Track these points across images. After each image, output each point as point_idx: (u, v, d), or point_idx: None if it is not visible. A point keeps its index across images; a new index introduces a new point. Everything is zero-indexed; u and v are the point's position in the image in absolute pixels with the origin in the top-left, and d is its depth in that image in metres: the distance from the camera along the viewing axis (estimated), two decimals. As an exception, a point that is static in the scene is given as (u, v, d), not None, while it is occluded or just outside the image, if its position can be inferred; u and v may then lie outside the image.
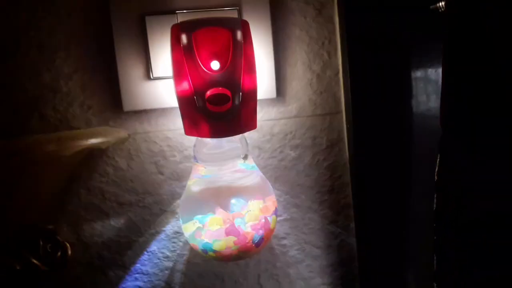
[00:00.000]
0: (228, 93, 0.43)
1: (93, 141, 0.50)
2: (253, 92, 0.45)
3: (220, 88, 0.43)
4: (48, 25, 0.50)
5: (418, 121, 0.56)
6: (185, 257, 0.56)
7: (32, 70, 0.51)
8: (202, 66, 0.43)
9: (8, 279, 0.45)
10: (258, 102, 0.47)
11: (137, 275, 0.56)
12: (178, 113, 0.48)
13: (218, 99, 0.43)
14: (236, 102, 0.44)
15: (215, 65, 0.43)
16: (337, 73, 0.56)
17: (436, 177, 0.43)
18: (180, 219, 0.50)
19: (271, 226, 0.49)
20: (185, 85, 0.44)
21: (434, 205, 0.44)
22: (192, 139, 0.53)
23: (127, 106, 0.52)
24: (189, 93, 0.44)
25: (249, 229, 0.47)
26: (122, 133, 0.51)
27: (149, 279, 0.56)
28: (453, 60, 0.40)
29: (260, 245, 0.48)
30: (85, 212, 0.54)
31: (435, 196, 0.43)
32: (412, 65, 0.55)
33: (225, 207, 0.48)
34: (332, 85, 0.56)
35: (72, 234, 0.53)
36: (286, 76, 0.55)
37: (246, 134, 0.52)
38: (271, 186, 0.52)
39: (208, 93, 0.43)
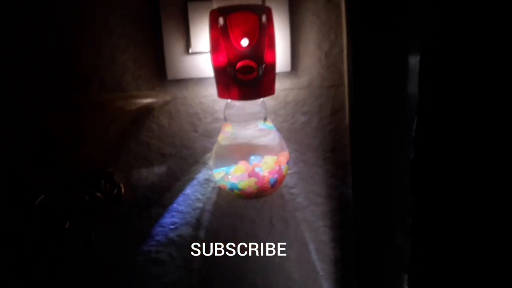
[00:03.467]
0: (254, 65, 0.54)
1: (146, 101, 0.62)
2: (273, 65, 0.56)
3: (248, 60, 0.53)
4: (107, 7, 0.61)
5: (410, 94, 0.66)
6: (212, 200, 0.67)
7: (94, 44, 0.60)
8: (234, 43, 0.54)
9: (80, 207, 0.58)
10: (276, 74, 0.58)
11: (174, 213, 0.66)
12: (210, 82, 0.59)
13: (246, 70, 0.54)
14: (260, 72, 0.54)
15: (244, 42, 0.54)
16: (342, 51, 0.63)
17: (413, 133, 0.54)
18: (212, 168, 0.62)
19: (284, 173, 0.61)
20: (221, 58, 0.55)
21: (412, 156, 0.55)
22: (221, 103, 0.63)
23: (170, 75, 0.61)
24: (223, 64, 0.55)
25: (266, 174, 0.59)
26: (165, 97, 0.63)
27: (183, 216, 0.68)
28: (430, 38, 0.50)
29: (275, 186, 0.60)
30: (134, 160, 0.64)
31: (413, 149, 0.55)
32: (408, 47, 0.64)
33: (247, 160, 0.60)
34: (337, 62, 0.64)
35: (123, 177, 0.65)
36: (299, 53, 0.63)
37: (266, 100, 0.63)
38: (284, 144, 0.63)
39: (239, 64, 0.54)
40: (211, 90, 0.63)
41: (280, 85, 0.63)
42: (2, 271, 0.60)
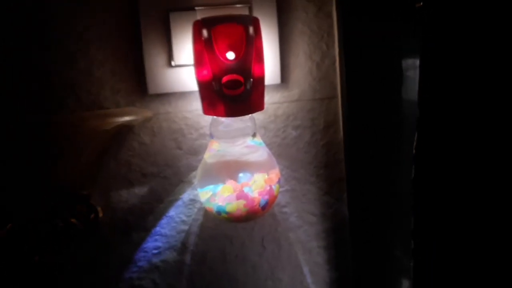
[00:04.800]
0: (241, 79, 0.50)
1: (126, 118, 0.57)
2: (262, 78, 0.53)
3: (234, 74, 0.49)
4: (85, 20, 0.56)
5: (406, 106, 0.62)
6: (199, 221, 0.63)
7: (70, 58, 0.56)
8: (219, 56, 0.50)
9: (53, 235, 0.53)
10: (265, 87, 0.54)
11: (157, 236, 0.62)
12: (195, 96, 0.56)
13: (233, 84, 0.50)
14: (248, 86, 0.51)
15: (230, 55, 0.50)
16: (334, 62, 0.61)
17: (414, 150, 0.51)
18: (198, 188, 0.58)
19: (275, 193, 0.57)
20: (205, 72, 0.51)
21: (412, 175, 0.52)
22: (207, 119, 0.60)
23: (151, 90, 0.57)
24: (208, 78, 0.51)
25: (256, 195, 0.55)
26: (147, 113, 0.59)
27: (167, 240, 0.63)
28: (429, 50, 0.47)
29: (266, 208, 0.56)
30: (113, 181, 0.59)
31: (413, 167, 0.51)
32: (402, 57, 0.61)
33: (235, 179, 0.56)
34: (330, 73, 0.61)
35: (102, 199, 0.61)
36: (289, 64, 0.60)
37: (255, 114, 0.60)
38: (275, 161, 0.59)
39: (224, 78, 0.50)
40: (196, 104, 0.59)
41: (269, 98, 0.60)
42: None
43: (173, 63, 0.57)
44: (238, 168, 0.56)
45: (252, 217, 0.56)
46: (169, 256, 0.64)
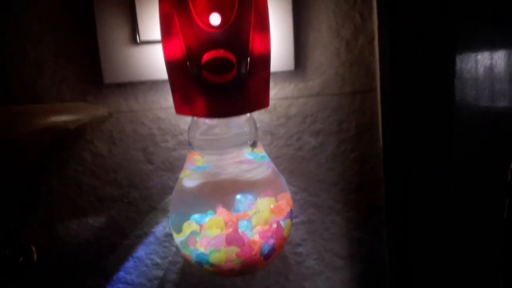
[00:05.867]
0: (232, 57, 0.33)
1: (73, 118, 0.40)
2: (266, 57, 0.36)
3: (221, 50, 0.33)
4: None
5: (469, 106, 0.45)
6: (178, 265, 0.47)
7: None
8: (197, 20, 0.33)
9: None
10: (271, 75, 0.37)
11: (120, 285, 0.47)
12: (170, 87, 0.38)
13: (219, 65, 0.33)
14: (242, 70, 0.34)
15: (215, 19, 0.33)
16: (372, 40, 0.46)
17: (509, 176, 0.32)
18: (170, 221, 0.40)
19: (285, 233, 0.39)
20: (175, 47, 0.34)
21: (505, 213, 0.33)
22: (188, 120, 0.43)
23: (108, 78, 0.43)
24: (180, 57, 0.34)
25: (256, 237, 0.37)
26: (100, 111, 0.41)
27: None
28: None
29: (270, 257, 0.38)
30: (58, 208, 0.45)
31: (507, 201, 0.33)
32: (466, 40, 0.44)
33: (228, 205, 0.39)
34: (365, 56, 0.46)
35: (42, 233, 0.45)
36: (307, 42, 0.45)
37: (256, 114, 0.42)
38: (285, 181, 0.41)
39: (205, 57, 0.33)
40: (173, 99, 0.42)
41: (278, 91, 0.46)
42: None
43: (139, 39, 0.42)
44: (233, 191, 0.40)
45: (249, 270, 0.39)
46: (138, 312, 0.46)
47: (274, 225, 0.38)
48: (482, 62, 0.46)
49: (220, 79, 0.33)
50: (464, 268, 0.47)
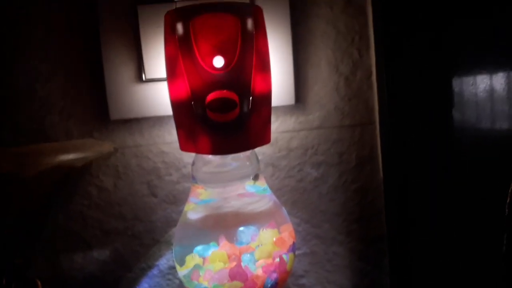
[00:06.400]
0: (235, 97, 0.34)
1: (80, 155, 0.41)
2: (267, 96, 0.36)
3: (224, 91, 0.34)
4: (23, 16, 0.43)
5: (469, 135, 0.46)
6: None
7: (3, 71, 0.43)
8: (202, 63, 0.34)
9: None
10: (272, 110, 0.38)
11: None
12: (175, 123, 0.39)
13: (222, 105, 0.34)
14: (245, 109, 0.35)
15: (218, 61, 0.34)
16: (370, 75, 0.47)
17: (506, 210, 0.33)
18: (174, 253, 0.40)
19: (288, 267, 0.39)
20: (181, 87, 0.35)
21: (504, 248, 0.33)
22: (192, 154, 0.44)
23: (114, 114, 0.44)
24: (185, 97, 0.35)
25: (259, 272, 0.37)
26: (106, 147, 0.42)
27: None
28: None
29: (274, 291, 0.38)
30: (63, 242, 0.45)
31: (505, 236, 0.33)
32: (462, 69, 0.45)
33: (231, 238, 0.39)
34: (364, 90, 0.47)
35: (47, 267, 0.45)
36: (307, 78, 0.47)
37: (258, 148, 0.43)
38: (286, 213, 0.42)
39: (209, 97, 0.34)
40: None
41: (279, 125, 0.47)
42: None
43: (144, 77, 0.43)
44: (235, 223, 0.40)
45: None
46: None
47: (277, 260, 0.38)
48: (480, 92, 0.47)
49: (223, 117, 0.34)
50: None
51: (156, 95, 0.43)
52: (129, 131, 0.44)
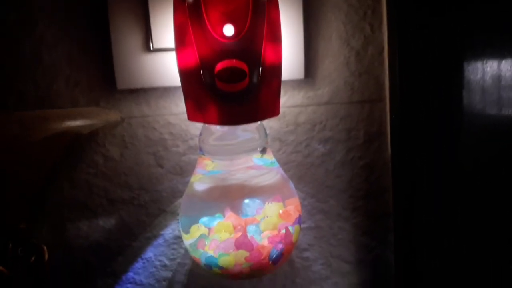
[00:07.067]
0: (245, 67, 0.33)
1: (86, 122, 0.40)
2: (277, 67, 0.36)
3: (234, 60, 0.33)
4: None
5: (477, 114, 0.45)
6: (186, 267, 0.47)
7: (8, 38, 0.42)
8: (211, 31, 0.33)
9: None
10: (281, 83, 0.37)
11: (129, 285, 0.47)
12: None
13: (231, 75, 0.33)
14: (254, 79, 0.34)
15: (228, 30, 0.33)
16: (382, 51, 0.46)
17: None
18: (180, 223, 0.41)
19: (293, 239, 0.39)
20: (189, 56, 0.34)
21: None
22: (199, 126, 0.43)
23: (121, 84, 0.43)
24: (194, 66, 0.34)
25: (265, 242, 0.37)
26: (112, 116, 0.42)
27: None
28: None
29: (278, 262, 0.38)
30: (68, 210, 0.45)
31: None
32: (475, 48, 0.44)
33: (236, 210, 0.39)
34: (375, 66, 0.46)
35: (52, 235, 0.45)
36: (317, 52, 0.45)
37: (265, 121, 0.43)
38: (293, 187, 0.42)
39: (219, 66, 0.33)
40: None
41: (288, 99, 0.46)
42: None
43: (152, 47, 0.42)
44: (242, 195, 0.40)
45: (258, 274, 0.39)
46: (146, 313, 0.47)
47: (283, 231, 0.38)
48: (491, 71, 0.46)
49: (233, 88, 0.34)
50: (472, 274, 0.46)
51: (164, 65, 0.42)
52: (136, 101, 0.44)
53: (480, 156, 0.45)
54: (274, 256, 0.37)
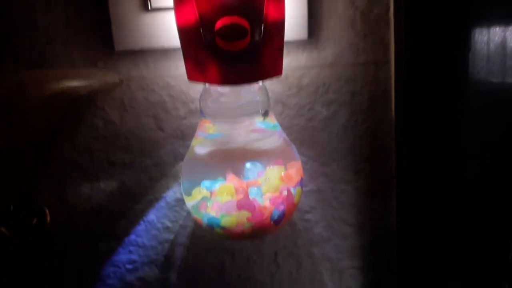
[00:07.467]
0: (246, 24, 0.32)
1: (84, 84, 0.40)
2: (280, 25, 0.34)
3: (235, 16, 0.32)
4: None
5: (483, 79, 0.44)
6: (188, 229, 0.48)
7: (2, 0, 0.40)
8: None
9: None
10: (285, 43, 0.36)
11: (131, 247, 0.48)
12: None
13: (232, 32, 0.32)
14: (256, 37, 0.33)
15: None
16: (387, 11, 0.45)
17: None
18: (182, 186, 0.40)
19: (295, 200, 0.39)
20: (188, 13, 0.33)
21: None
22: (199, 88, 0.42)
23: (119, 45, 0.42)
24: (193, 23, 0.33)
25: (267, 203, 0.37)
26: (111, 77, 0.41)
27: (146, 252, 0.48)
28: None
29: (280, 222, 0.38)
30: (69, 173, 0.45)
31: None
32: (483, 11, 0.43)
33: (238, 173, 0.39)
34: (380, 26, 0.45)
35: (54, 198, 0.45)
36: (321, 12, 0.44)
37: (267, 84, 0.42)
38: (296, 151, 0.41)
39: (219, 23, 0.32)
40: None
41: (291, 60, 0.45)
42: None
43: (150, 6, 0.41)
44: (244, 159, 0.40)
45: (259, 234, 0.39)
46: (148, 274, 0.49)
47: (285, 192, 0.38)
48: (498, 36, 0.45)
49: (234, 46, 0.33)
50: (475, 240, 0.47)
51: (163, 25, 0.41)
52: (135, 63, 0.43)
53: (485, 120, 0.45)
54: (276, 216, 0.37)
